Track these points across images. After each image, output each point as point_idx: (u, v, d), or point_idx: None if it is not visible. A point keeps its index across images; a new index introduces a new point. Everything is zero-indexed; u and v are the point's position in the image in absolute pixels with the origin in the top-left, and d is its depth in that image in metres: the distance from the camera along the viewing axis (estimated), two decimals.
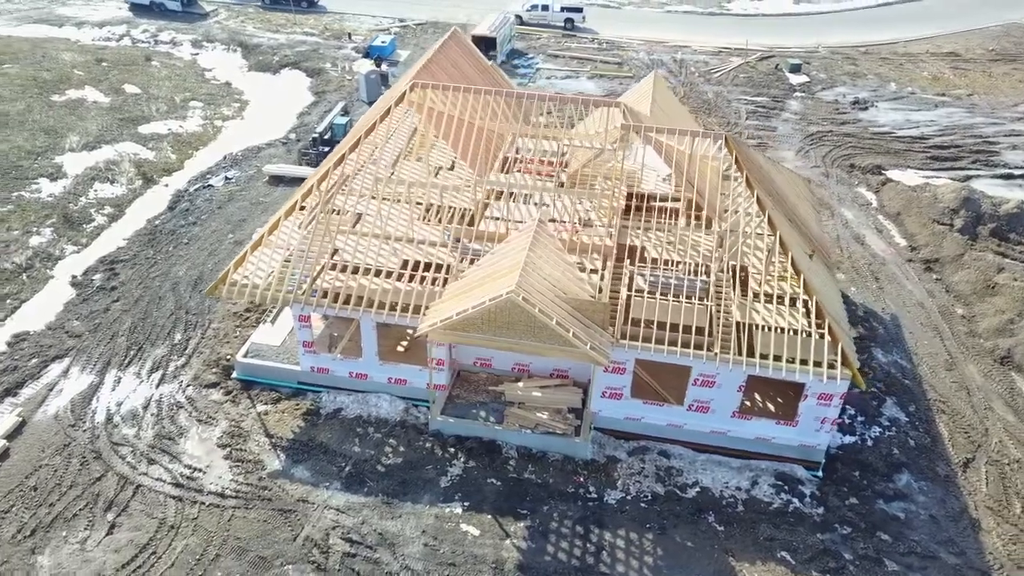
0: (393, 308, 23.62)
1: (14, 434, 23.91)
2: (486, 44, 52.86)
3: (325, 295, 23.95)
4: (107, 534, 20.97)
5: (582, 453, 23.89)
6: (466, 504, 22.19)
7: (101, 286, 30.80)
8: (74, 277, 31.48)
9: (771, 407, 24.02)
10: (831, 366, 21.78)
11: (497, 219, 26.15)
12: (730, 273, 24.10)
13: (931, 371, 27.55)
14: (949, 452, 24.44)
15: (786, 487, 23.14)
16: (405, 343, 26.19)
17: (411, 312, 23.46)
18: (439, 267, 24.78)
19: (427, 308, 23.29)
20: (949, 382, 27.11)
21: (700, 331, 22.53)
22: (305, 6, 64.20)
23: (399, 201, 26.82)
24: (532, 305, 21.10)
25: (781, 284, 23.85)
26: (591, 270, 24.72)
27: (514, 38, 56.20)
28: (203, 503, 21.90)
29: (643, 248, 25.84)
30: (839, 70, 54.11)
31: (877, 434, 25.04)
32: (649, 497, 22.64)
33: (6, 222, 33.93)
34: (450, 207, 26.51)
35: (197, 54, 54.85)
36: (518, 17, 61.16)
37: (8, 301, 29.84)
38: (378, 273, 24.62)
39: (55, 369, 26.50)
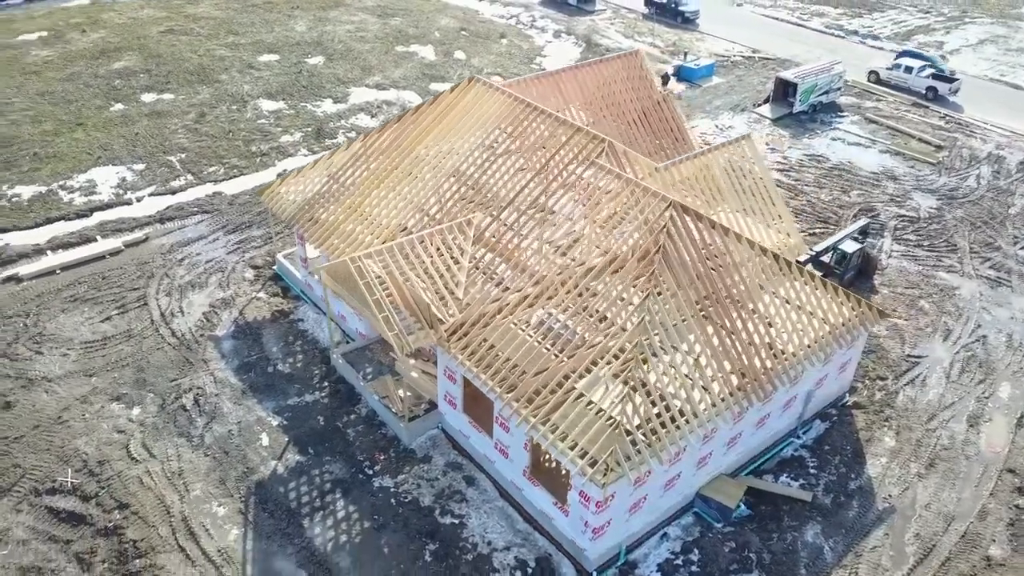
0: (335, 249, 27.20)
1: (133, 244, 33.91)
2: (789, 89, 49.33)
3: (313, 220, 28.60)
4: (100, 321, 29.32)
5: (404, 440, 24.79)
6: (284, 423, 25.29)
7: None
8: (284, 171, 41.04)
9: (558, 484, 21.67)
10: (592, 463, 19.24)
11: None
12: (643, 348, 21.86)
13: None
14: None
15: (531, 571, 21.08)
16: None
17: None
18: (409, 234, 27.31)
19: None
20: None
21: (514, 372, 21.58)
22: (679, 21, 66.25)
23: (450, 178, 28.92)
24: (363, 276, 22.93)
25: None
26: (504, 287, 24.69)
27: (835, 92, 50.78)
28: (158, 332, 28.88)
29: (592, 294, 24.63)
30: None
31: None
32: (407, 500, 22.87)
33: (280, 121, 45.20)
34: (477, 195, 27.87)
35: (550, 42, 61.65)
36: (874, 74, 54.72)
37: (235, 171, 40.61)
38: (372, 224, 28.19)
39: (197, 218, 36.04)
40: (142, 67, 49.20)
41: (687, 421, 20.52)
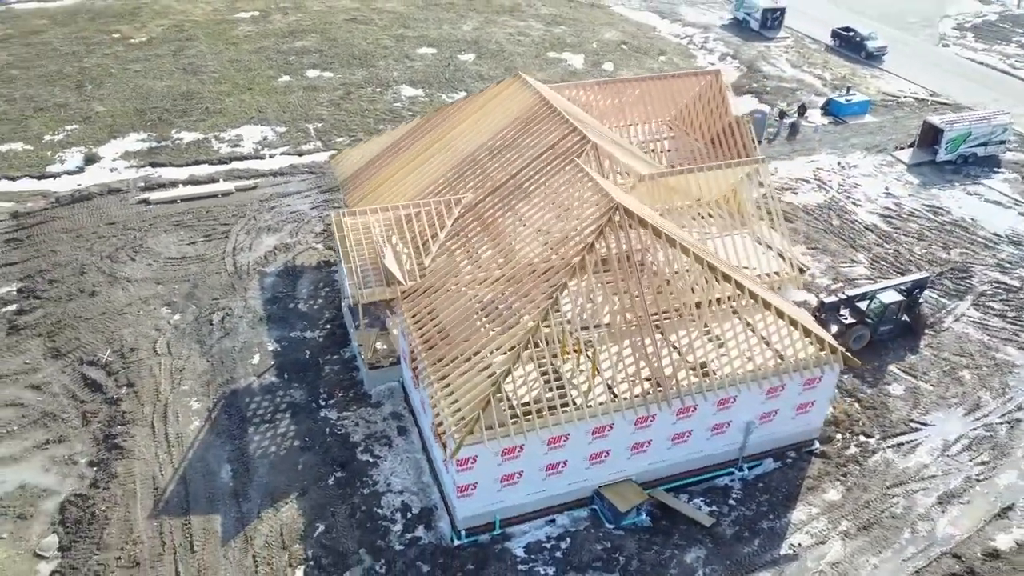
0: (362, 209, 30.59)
1: (243, 190, 39.80)
2: (938, 135, 45.35)
3: (357, 183, 32.32)
4: (187, 244, 35.16)
5: (365, 384, 27.56)
6: (278, 350, 29.13)
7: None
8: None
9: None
10: (455, 424, 20.85)
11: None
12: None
13: None
14: None
15: (410, 516, 22.98)
16: None
17: None
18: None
19: None
20: None
21: (440, 335, 23.56)
22: (863, 56, 62.45)
23: (465, 159, 31.88)
24: (340, 230, 26.04)
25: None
26: (474, 262, 26.61)
27: (996, 145, 45.58)
28: (223, 261, 34.08)
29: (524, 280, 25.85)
30: None
31: None
32: (339, 433, 25.65)
33: (414, 106, 49.67)
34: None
35: (711, 64, 60.94)
36: None
37: (353, 136, 45.57)
38: (396, 190, 31.35)
39: (303, 177, 41.30)
40: (317, 47, 56.29)
41: (565, 411, 21.31)
